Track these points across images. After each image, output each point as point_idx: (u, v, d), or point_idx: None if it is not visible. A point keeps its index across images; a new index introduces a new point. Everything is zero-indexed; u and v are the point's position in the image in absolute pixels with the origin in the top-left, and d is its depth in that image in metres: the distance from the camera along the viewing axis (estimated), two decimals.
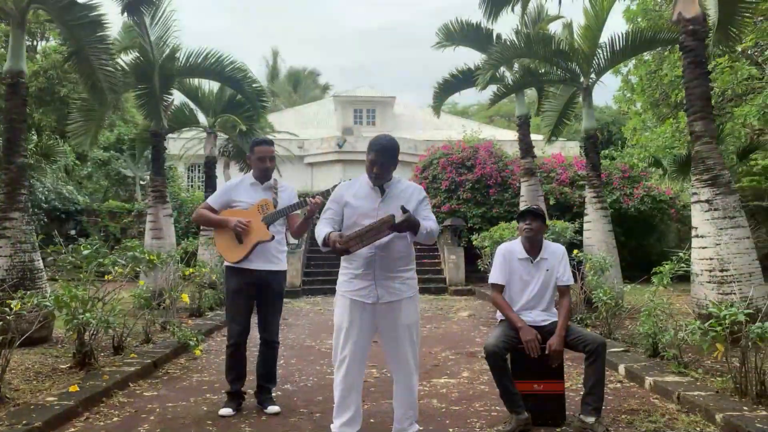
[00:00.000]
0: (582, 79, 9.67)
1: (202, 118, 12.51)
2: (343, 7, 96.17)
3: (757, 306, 5.59)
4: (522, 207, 11.17)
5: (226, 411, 4.27)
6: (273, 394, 4.52)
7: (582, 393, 3.98)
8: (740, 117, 12.87)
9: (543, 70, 10.47)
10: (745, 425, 3.63)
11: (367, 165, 3.51)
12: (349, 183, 3.65)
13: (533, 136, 11.88)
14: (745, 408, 3.98)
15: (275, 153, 4.52)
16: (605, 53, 9.41)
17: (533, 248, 4.18)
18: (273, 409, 4.33)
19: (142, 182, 18.49)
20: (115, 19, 7.84)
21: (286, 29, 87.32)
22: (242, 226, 4.24)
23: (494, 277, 4.19)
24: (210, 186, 12.35)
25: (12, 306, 4.36)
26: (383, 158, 3.46)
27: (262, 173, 4.42)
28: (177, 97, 11.64)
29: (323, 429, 3.90)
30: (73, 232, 15.76)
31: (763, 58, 13.78)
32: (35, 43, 20.47)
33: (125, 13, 7.65)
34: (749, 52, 14.54)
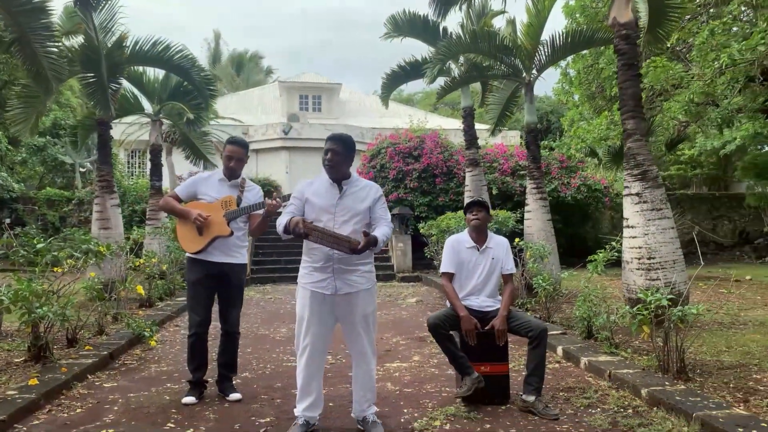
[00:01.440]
0: (524, 75, 10.09)
1: (146, 105, 12.23)
2: None
3: (679, 290, 6.14)
4: (467, 196, 11.59)
5: (189, 399, 4.41)
6: (234, 382, 4.70)
7: (524, 374, 4.36)
8: (668, 111, 13.68)
9: (487, 64, 10.81)
10: (666, 398, 4.07)
11: (322, 157, 3.74)
12: (311, 181, 3.88)
13: (477, 125, 12.27)
14: (666, 383, 4.43)
15: (243, 156, 4.54)
16: (546, 50, 9.83)
17: (480, 237, 4.55)
18: (235, 396, 4.50)
19: (82, 169, 17.92)
20: (55, 2, 7.64)
21: (228, 11, 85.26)
22: (201, 219, 4.38)
23: (445, 266, 4.55)
24: (156, 174, 12.16)
25: None
26: (335, 145, 3.71)
27: (227, 171, 4.55)
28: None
29: (285, 413, 4.12)
30: (8, 221, 15.20)
31: (689, 55, 14.61)
32: None
33: (78, 4, 7.47)
34: (677, 48, 15.37)
